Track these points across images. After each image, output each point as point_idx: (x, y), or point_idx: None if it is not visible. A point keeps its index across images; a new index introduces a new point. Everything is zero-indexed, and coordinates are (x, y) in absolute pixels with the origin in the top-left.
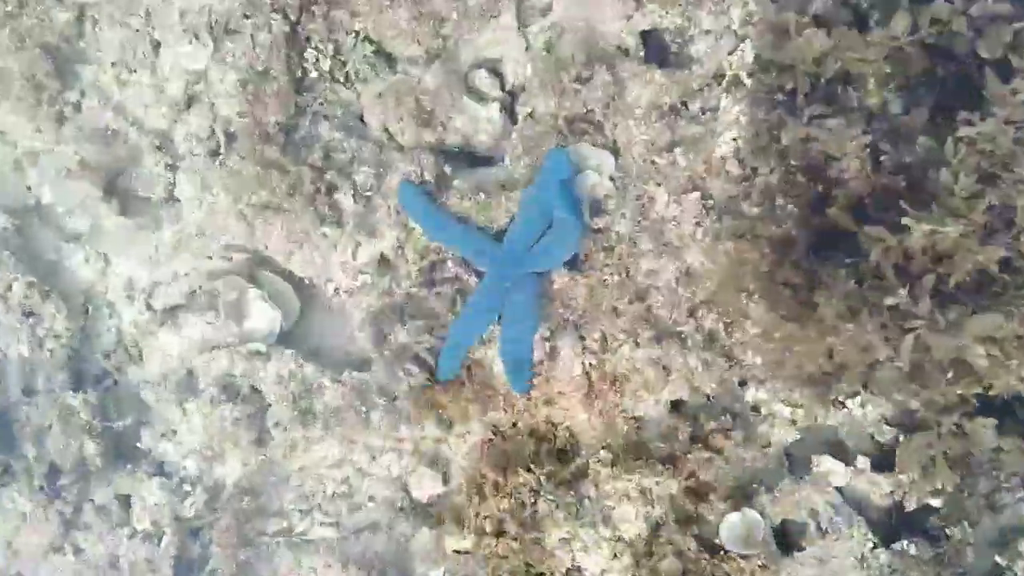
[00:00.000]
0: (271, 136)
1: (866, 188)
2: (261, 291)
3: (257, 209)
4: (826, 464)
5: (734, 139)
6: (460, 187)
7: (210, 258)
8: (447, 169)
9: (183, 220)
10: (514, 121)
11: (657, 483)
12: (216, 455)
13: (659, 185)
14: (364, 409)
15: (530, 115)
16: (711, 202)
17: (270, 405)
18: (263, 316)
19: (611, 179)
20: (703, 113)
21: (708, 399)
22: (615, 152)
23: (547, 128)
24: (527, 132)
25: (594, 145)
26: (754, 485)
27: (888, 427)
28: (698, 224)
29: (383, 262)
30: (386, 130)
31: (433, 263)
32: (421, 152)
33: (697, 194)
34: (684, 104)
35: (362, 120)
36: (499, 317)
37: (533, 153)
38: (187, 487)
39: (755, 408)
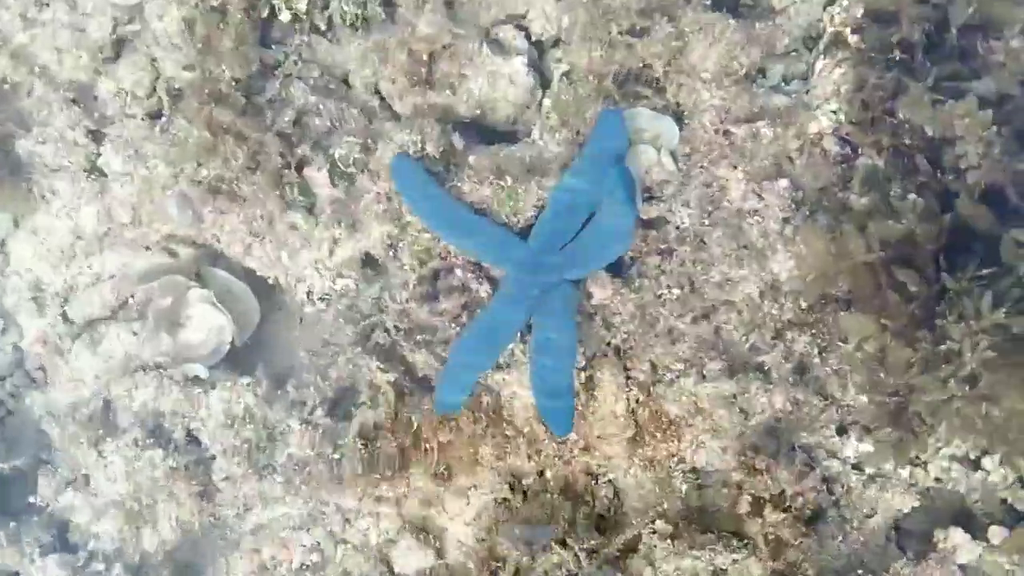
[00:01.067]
0: (225, 95)
1: (998, 177)
2: (206, 291)
3: (206, 188)
4: (954, 539)
5: (833, 112)
6: (476, 166)
7: (148, 249)
8: (458, 141)
9: (107, 200)
10: (544, 86)
11: (735, 562)
12: (143, 514)
13: (735, 167)
14: (336, 457)
15: (567, 75)
16: (801, 194)
17: (213, 457)
18: (207, 324)
19: (672, 155)
20: (785, 83)
21: (794, 448)
22: (679, 119)
23: (590, 90)
24: (564, 97)
25: (653, 110)
26: (858, 572)
27: None
28: (787, 221)
29: (370, 264)
30: (377, 92)
31: (436, 271)
32: (423, 119)
33: (785, 181)
34: (761, 71)
35: (347, 83)
36: (520, 335)
37: (572, 124)
38: (99, 565)
39: (858, 467)
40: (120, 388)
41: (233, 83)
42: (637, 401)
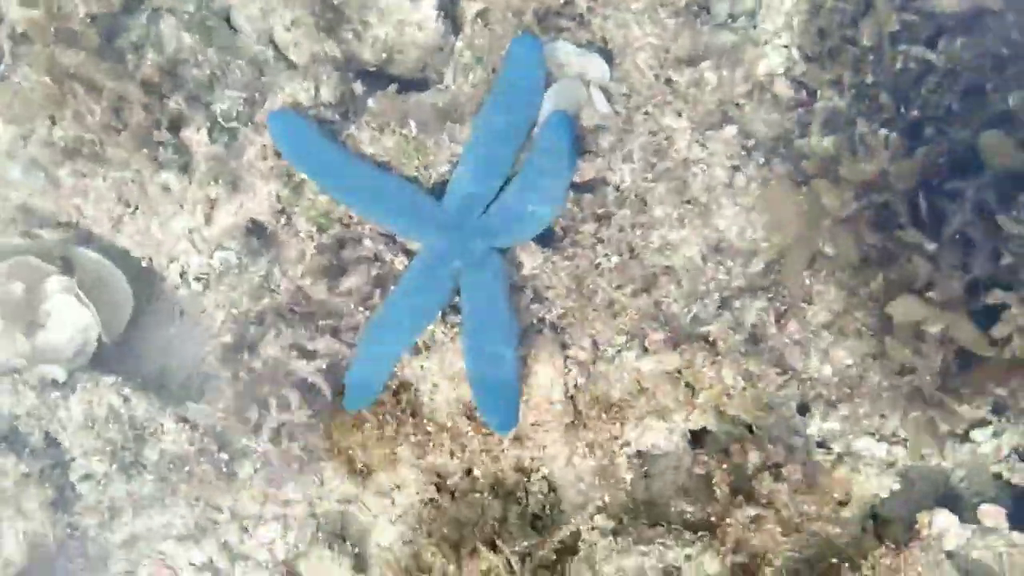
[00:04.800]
0: (79, 35)
1: None
2: (68, 278)
3: (61, 151)
4: (940, 522)
5: (785, 47)
6: (377, 111)
7: None
8: (358, 87)
9: None
10: (456, 31)
11: (688, 558)
12: None
13: (679, 115)
14: (226, 457)
15: (480, 16)
16: (752, 141)
17: (73, 459)
18: (70, 321)
19: (605, 95)
20: (732, 20)
21: (750, 430)
22: (607, 56)
23: (508, 28)
24: (478, 41)
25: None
26: (833, 560)
27: None
28: (736, 169)
29: (256, 233)
30: (271, 41)
31: (341, 240)
32: (319, 64)
33: (733, 128)
34: (705, 8)
35: (230, 23)
36: (443, 315)
37: (488, 61)
38: None
39: (823, 444)
40: None
41: (88, 20)
42: (575, 386)
